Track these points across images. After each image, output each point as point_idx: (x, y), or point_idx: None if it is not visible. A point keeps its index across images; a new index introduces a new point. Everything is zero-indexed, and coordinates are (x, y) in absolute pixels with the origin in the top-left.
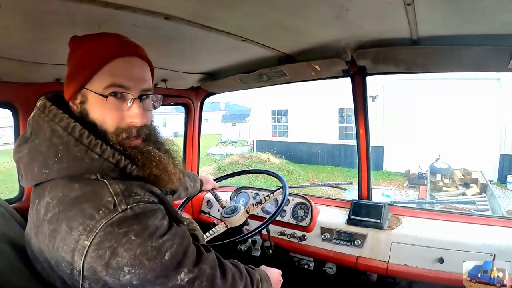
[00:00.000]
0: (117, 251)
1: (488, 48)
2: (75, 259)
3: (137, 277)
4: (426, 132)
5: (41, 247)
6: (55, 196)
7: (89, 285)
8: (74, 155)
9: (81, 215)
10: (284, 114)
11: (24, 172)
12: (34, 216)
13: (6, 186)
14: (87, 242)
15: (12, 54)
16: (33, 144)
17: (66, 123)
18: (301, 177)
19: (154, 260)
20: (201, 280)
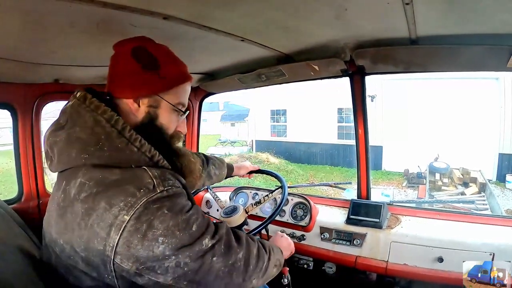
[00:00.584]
0: (153, 224)
1: (487, 47)
2: (111, 234)
3: (170, 247)
4: (425, 132)
5: (68, 227)
6: (92, 177)
7: (120, 260)
8: (116, 145)
9: (123, 194)
10: (283, 114)
11: (58, 155)
12: (60, 197)
13: (5, 187)
14: (127, 217)
15: (10, 54)
16: (72, 130)
17: (109, 115)
18: (300, 177)
19: (184, 231)
20: (220, 243)
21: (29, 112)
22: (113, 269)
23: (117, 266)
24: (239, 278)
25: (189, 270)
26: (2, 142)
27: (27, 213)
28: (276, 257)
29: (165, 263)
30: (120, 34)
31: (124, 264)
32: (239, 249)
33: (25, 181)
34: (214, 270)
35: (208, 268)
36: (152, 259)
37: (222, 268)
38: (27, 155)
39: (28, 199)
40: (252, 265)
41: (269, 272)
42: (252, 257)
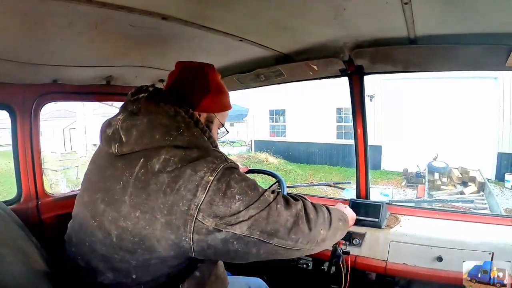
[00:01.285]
0: (230, 184)
1: (486, 47)
2: (198, 194)
3: (244, 203)
4: (424, 131)
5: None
6: (176, 154)
7: (202, 217)
8: (193, 133)
9: (204, 162)
10: (282, 114)
11: (137, 137)
12: (139, 172)
13: (4, 188)
14: (211, 177)
15: (9, 55)
16: (154, 116)
17: (186, 109)
18: (299, 177)
19: (253, 190)
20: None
21: (28, 112)
22: (192, 228)
23: (197, 224)
24: (305, 226)
25: (260, 217)
26: (1, 143)
27: (26, 214)
28: (339, 213)
29: (240, 217)
30: (119, 34)
31: (205, 221)
32: (295, 202)
33: (24, 181)
34: (282, 220)
35: (277, 216)
36: (230, 214)
37: (288, 218)
38: (26, 156)
39: (27, 200)
40: (313, 214)
41: (335, 224)
42: (308, 208)
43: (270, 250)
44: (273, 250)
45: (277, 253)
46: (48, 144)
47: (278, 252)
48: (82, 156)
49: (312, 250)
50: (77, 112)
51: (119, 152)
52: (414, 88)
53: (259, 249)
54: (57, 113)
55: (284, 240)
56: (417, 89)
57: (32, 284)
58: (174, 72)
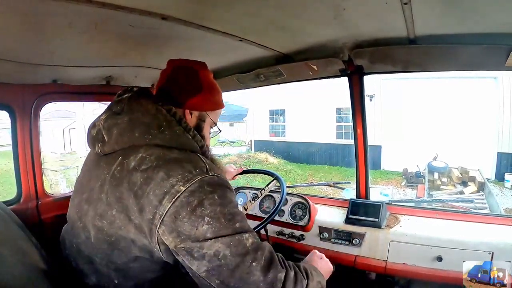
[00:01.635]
0: (203, 203)
1: (485, 46)
2: (164, 202)
3: (212, 230)
4: (424, 131)
5: (124, 195)
6: (153, 153)
7: (162, 232)
8: (175, 131)
9: (180, 168)
10: (282, 114)
11: (117, 136)
12: (115, 170)
13: (4, 188)
14: (183, 188)
15: (9, 55)
16: (134, 115)
17: (168, 107)
18: (299, 177)
19: (229, 222)
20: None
21: (28, 113)
22: (157, 240)
23: (159, 238)
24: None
25: (225, 265)
26: (1, 143)
27: (26, 214)
28: (317, 280)
29: (204, 248)
30: (119, 35)
31: (165, 238)
32: (278, 269)
33: (24, 182)
34: (251, 281)
35: (246, 273)
36: (193, 238)
37: (260, 284)
38: (25, 156)
39: (27, 200)
40: None
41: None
42: (289, 281)
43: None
44: None
45: None
46: (48, 144)
47: None
48: (82, 156)
49: None
50: (76, 112)
51: (102, 152)
52: (413, 88)
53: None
54: (57, 113)
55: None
56: (417, 89)
57: (32, 284)
58: (166, 71)
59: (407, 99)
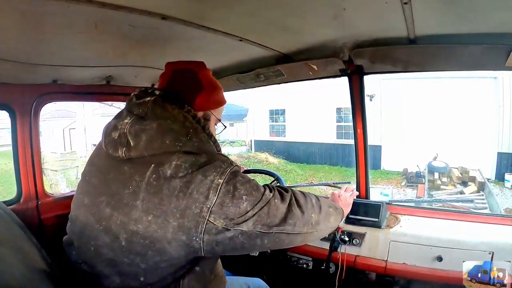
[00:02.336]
0: (237, 186)
1: (485, 46)
2: (210, 196)
3: (250, 203)
4: (424, 131)
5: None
6: (187, 160)
7: (213, 219)
8: (200, 138)
9: (213, 167)
10: (282, 114)
11: (147, 142)
12: (151, 178)
13: (4, 188)
14: (221, 180)
15: (8, 55)
16: (163, 121)
17: (193, 114)
18: (299, 177)
19: (257, 191)
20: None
21: (28, 113)
22: (203, 229)
23: (208, 225)
24: (297, 211)
25: (262, 213)
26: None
27: (26, 214)
28: (328, 201)
29: (246, 217)
30: (119, 35)
31: (216, 222)
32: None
33: (24, 182)
34: (279, 211)
35: (275, 209)
36: (238, 215)
37: (284, 210)
38: (25, 156)
39: (27, 200)
40: (302, 200)
41: (325, 209)
42: (298, 195)
43: (273, 239)
44: (276, 238)
45: (281, 240)
46: (48, 144)
47: (281, 239)
48: (82, 156)
49: (311, 234)
50: (77, 112)
51: (126, 156)
52: (414, 88)
53: (263, 240)
54: (57, 113)
55: (282, 227)
56: (417, 89)
57: (32, 284)
58: (165, 75)
59: (407, 99)
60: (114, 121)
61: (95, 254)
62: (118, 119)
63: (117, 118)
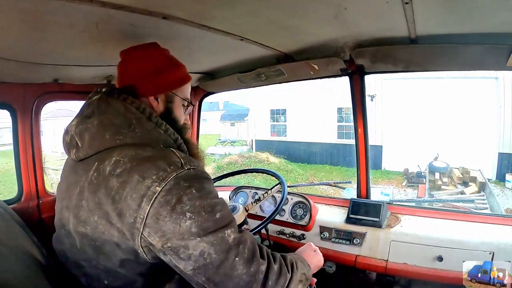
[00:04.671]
0: (182, 199)
1: (486, 46)
2: (143, 205)
3: (196, 224)
4: (425, 131)
5: (102, 201)
6: (126, 155)
7: (147, 234)
8: (146, 128)
9: (154, 168)
10: (283, 114)
11: (89, 140)
12: (93, 176)
13: (5, 187)
14: (159, 188)
15: (10, 54)
16: (104, 117)
17: (137, 104)
18: (300, 177)
19: (209, 214)
20: (244, 246)
21: (29, 112)
22: (140, 243)
23: (144, 240)
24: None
25: (210, 263)
26: (2, 142)
27: (27, 213)
28: (301, 272)
29: (189, 248)
30: (120, 34)
31: (151, 239)
32: (262, 260)
33: (24, 181)
34: (235, 275)
35: (230, 268)
36: (178, 236)
37: (243, 276)
38: (26, 155)
39: (28, 199)
40: (272, 281)
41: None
42: (272, 273)
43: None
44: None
45: None
46: (49, 143)
47: None
48: None
49: None
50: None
51: (77, 158)
52: (414, 88)
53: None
54: (58, 113)
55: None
56: (418, 89)
57: (32, 282)
58: (120, 64)
59: (408, 99)
60: (67, 126)
61: (65, 257)
62: (70, 123)
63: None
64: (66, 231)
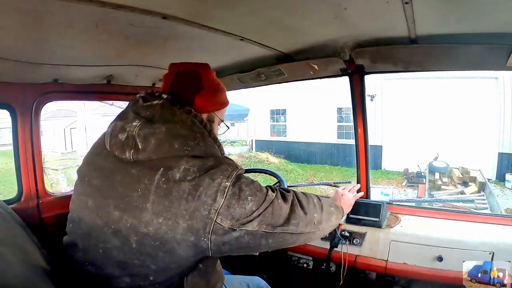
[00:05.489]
0: (242, 187)
1: (486, 46)
2: (217, 198)
3: (255, 203)
4: (425, 131)
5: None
6: (195, 164)
7: (220, 220)
8: (207, 142)
9: (220, 171)
10: (283, 114)
11: (157, 145)
12: (160, 181)
13: (5, 187)
14: (228, 183)
15: (9, 54)
16: (171, 125)
17: (200, 119)
18: (300, 176)
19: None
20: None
21: (29, 112)
22: (211, 230)
23: (216, 226)
24: (300, 211)
25: (266, 213)
26: (2, 142)
27: (27, 213)
28: (329, 201)
29: (252, 217)
30: (120, 34)
31: (223, 223)
32: (288, 194)
33: (24, 181)
34: (283, 211)
35: (279, 209)
36: (244, 215)
37: (287, 210)
38: (26, 155)
39: (27, 199)
40: (304, 200)
41: (327, 209)
42: (300, 196)
43: (277, 239)
44: (280, 237)
45: (284, 240)
46: (49, 143)
47: (285, 239)
48: (83, 156)
49: (314, 234)
50: (77, 112)
51: (133, 159)
52: (414, 88)
53: (267, 240)
54: (58, 113)
55: (286, 227)
56: (418, 89)
57: (32, 283)
58: (169, 76)
59: (408, 99)
60: (121, 123)
61: (105, 256)
62: (125, 121)
63: (123, 119)
64: (112, 230)
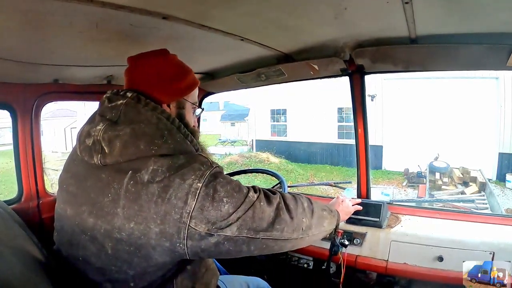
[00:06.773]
0: (217, 188)
1: (486, 46)
2: (189, 201)
3: (232, 205)
4: (425, 131)
5: (143, 208)
6: (163, 164)
7: (194, 224)
8: (176, 139)
9: (192, 170)
10: (283, 114)
11: (122, 148)
12: (129, 184)
13: (6, 187)
14: (200, 184)
15: (9, 54)
16: (137, 126)
17: (167, 114)
18: (301, 177)
19: (239, 192)
20: (260, 194)
21: (29, 112)
22: (186, 235)
23: (190, 230)
24: (286, 216)
25: (246, 217)
26: (2, 142)
27: (27, 214)
28: (322, 204)
29: (230, 221)
30: (120, 34)
31: (198, 227)
32: (274, 196)
33: (25, 181)
34: (265, 215)
35: (261, 213)
36: (220, 218)
37: (270, 212)
38: (26, 155)
39: (28, 199)
40: (292, 204)
41: (319, 213)
42: (287, 199)
43: (259, 245)
44: (263, 244)
45: (268, 247)
46: (49, 143)
47: (268, 245)
48: None
49: (302, 240)
50: (78, 112)
51: (102, 163)
52: (415, 88)
53: (249, 246)
54: (58, 113)
55: (269, 232)
56: (418, 89)
57: (32, 283)
58: (128, 69)
59: (408, 99)
60: (87, 127)
61: (84, 263)
62: (91, 125)
63: (90, 123)
64: (89, 237)
